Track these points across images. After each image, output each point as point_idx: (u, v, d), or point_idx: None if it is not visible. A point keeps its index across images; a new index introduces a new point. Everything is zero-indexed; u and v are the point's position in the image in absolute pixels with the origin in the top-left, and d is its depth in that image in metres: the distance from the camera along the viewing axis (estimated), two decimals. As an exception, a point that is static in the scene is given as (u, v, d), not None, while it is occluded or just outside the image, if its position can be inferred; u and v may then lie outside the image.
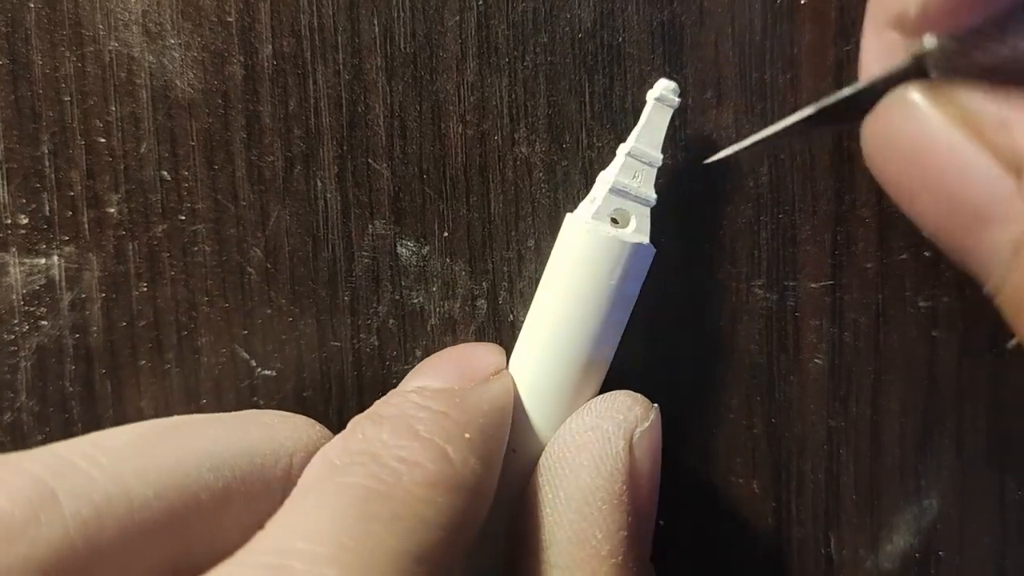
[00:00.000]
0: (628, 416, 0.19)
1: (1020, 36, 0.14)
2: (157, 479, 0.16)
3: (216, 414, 0.19)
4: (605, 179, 0.20)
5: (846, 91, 0.16)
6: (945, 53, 0.15)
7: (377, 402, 0.19)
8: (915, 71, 0.15)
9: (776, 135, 0.17)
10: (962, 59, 0.15)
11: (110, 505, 0.15)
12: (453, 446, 0.17)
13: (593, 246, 0.19)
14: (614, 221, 0.20)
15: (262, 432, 0.18)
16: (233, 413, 0.19)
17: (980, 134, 0.15)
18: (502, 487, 0.19)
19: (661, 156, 0.20)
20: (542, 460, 0.19)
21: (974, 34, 0.14)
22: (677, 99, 0.20)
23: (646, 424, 0.19)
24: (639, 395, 0.20)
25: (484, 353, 0.20)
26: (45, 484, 0.15)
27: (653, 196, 0.20)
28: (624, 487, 0.18)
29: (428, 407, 0.18)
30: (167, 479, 0.16)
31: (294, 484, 0.17)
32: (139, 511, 0.15)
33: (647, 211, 0.20)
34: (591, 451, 0.19)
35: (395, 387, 0.22)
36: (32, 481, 0.15)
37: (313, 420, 0.20)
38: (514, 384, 0.20)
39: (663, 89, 0.20)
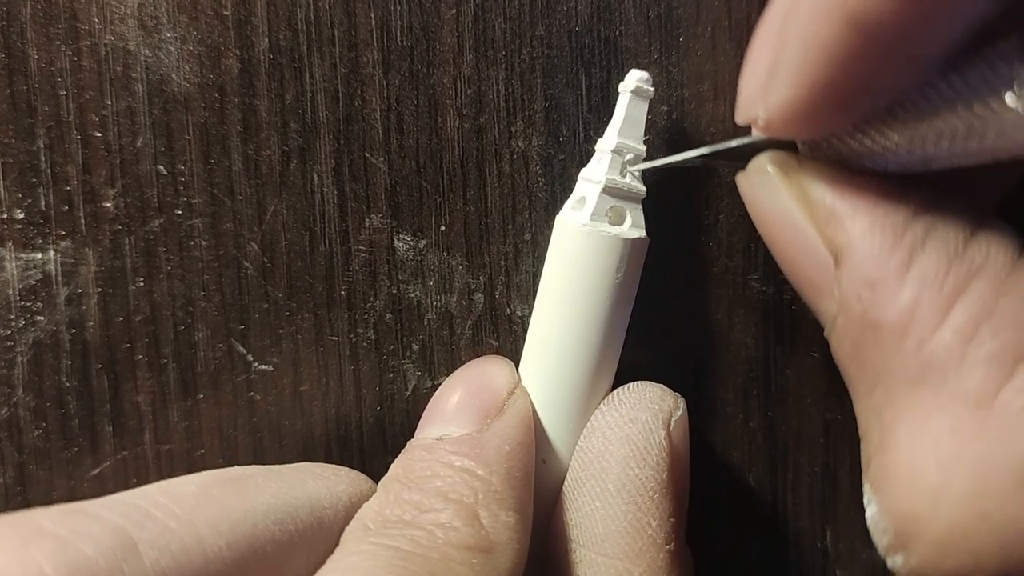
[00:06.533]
0: (662, 406, 0.20)
1: (869, 137, 0.15)
2: (228, 530, 0.16)
3: (274, 467, 0.19)
4: (594, 178, 0.20)
5: (732, 143, 0.18)
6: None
7: (402, 458, 0.19)
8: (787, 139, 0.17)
9: (679, 163, 0.19)
10: (823, 142, 0.16)
11: (187, 555, 0.15)
12: (483, 505, 0.18)
13: (596, 248, 0.19)
14: (607, 218, 0.20)
15: (320, 485, 0.19)
16: (290, 465, 0.20)
17: (814, 218, 0.16)
18: (536, 495, 0.20)
19: (644, 148, 0.20)
20: (579, 455, 0.20)
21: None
22: (651, 89, 0.20)
23: (679, 413, 0.20)
24: (663, 385, 0.20)
25: (496, 373, 0.20)
26: (126, 534, 0.15)
27: (643, 189, 0.20)
28: (668, 475, 0.19)
29: (452, 465, 0.18)
30: (237, 530, 0.16)
31: None
32: (212, 562, 0.16)
33: (639, 204, 0.20)
34: (635, 443, 0.19)
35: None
36: (113, 531, 0.15)
37: (365, 475, 0.20)
38: (529, 400, 0.20)
39: (637, 80, 0.20)
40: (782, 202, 0.17)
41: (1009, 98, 0.13)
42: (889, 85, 0.14)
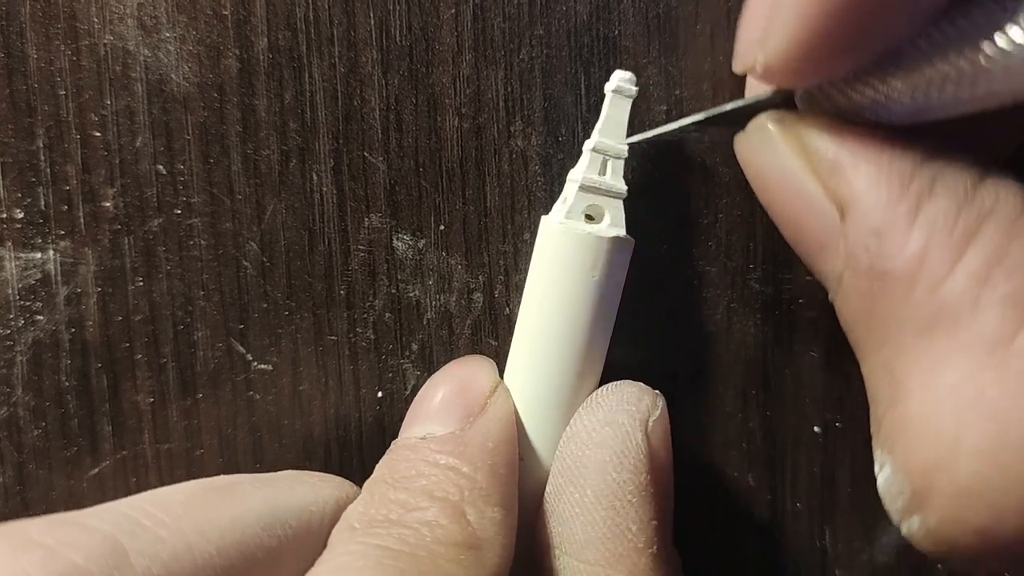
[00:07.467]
0: (640, 407, 0.19)
1: (870, 87, 0.15)
2: (218, 537, 0.16)
3: (261, 474, 0.19)
4: (574, 178, 0.20)
5: (728, 106, 0.18)
6: (808, 89, 0.16)
7: (387, 458, 0.20)
8: (785, 98, 0.17)
9: (677, 130, 0.19)
10: (823, 96, 0.16)
11: (177, 563, 0.15)
12: (469, 502, 0.18)
13: (569, 245, 0.19)
14: (589, 218, 0.20)
15: (307, 490, 0.19)
16: (277, 473, 0.20)
17: (817, 172, 0.16)
18: (519, 497, 0.19)
19: (626, 147, 0.20)
20: (559, 461, 0.20)
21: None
22: (634, 88, 0.20)
23: (657, 413, 0.19)
24: (642, 384, 0.20)
25: (477, 372, 0.20)
26: (117, 542, 0.15)
27: (624, 188, 0.20)
28: (648, 478, 0.19)
29: (437, 463, 0.18)
30: (227, 537, 0.16)
31: None
32: (203, 569, 0.16)
33: (620, 204, 0.20)
34: (612, 446, 0.19)
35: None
36: (103, 539, 0.15)
37: (350, 481, 0.20)
38: (511, 398, 0.20)
39: (620, 80, 0.20)
40: (783, 159, 0.16)
41: (1016, 33, 0.13)
42: (891, 27, 0.14)
